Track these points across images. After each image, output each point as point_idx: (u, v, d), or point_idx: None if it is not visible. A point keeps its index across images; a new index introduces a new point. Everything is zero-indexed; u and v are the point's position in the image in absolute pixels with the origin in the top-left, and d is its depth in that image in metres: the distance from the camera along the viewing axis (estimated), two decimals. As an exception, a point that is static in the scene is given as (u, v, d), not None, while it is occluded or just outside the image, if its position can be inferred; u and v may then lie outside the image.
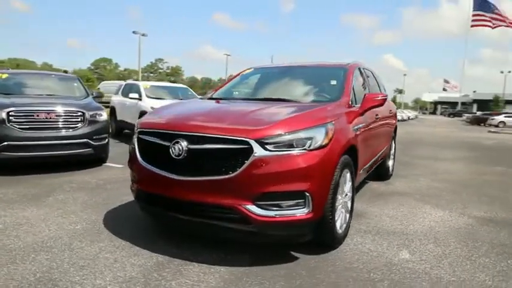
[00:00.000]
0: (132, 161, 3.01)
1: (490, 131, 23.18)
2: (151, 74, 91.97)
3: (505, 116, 32.90)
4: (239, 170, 2.40)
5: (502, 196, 4.92)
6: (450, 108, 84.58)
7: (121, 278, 2.36)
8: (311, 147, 2.50)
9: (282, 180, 2.41)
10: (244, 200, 2.42)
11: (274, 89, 3.83)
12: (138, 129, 2.93)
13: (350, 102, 3.38)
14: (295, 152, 2.45)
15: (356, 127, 3.24)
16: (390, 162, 5.71)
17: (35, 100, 5.61)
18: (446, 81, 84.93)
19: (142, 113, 8.45)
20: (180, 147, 2.53)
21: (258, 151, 2.39)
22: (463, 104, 69.64)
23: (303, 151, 2.47)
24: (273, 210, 2.44)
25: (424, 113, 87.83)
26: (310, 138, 2.52)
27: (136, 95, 8.94)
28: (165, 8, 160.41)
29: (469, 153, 10.11)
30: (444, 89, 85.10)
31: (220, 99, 3.81)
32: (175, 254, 2.74)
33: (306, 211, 2.47)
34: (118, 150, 7.43)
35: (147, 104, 8.45)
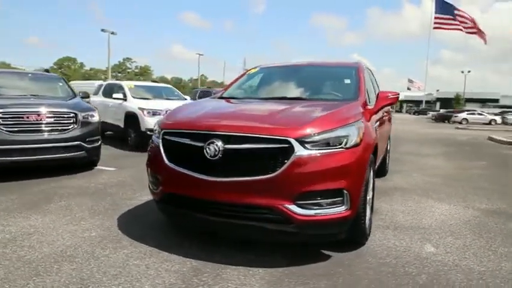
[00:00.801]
0: (155, 163, 2.90)
1: (457, 128, 24.38)
2: (119, 74, 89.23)
3: (467, 114, 34.77)
4: (280, 170, 2.37)
5: (495, 188, 5.19)
6: (415, 106, 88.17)
7: (160, 285, 2.26)
8: (347, 145, 2.51)
9: (321, 179, 2.41)
10: (284, 200, 2.39)
11: (288, 88, 3.81)
12: (163, 130, 2.82)
13: (365, 101, 3.44)
14: (333, 150, 2.46)
15: (375, 125, 3.29)
16: (387, 159, 5.87)
17: (21, 101, 5.27)
18: (410, 81, 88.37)
19: (129, 114, 8.21)
20: (216, 148, 2.46)
21: (299, 150, 2.37)
22: (427, 102, 72.79)
23: (341, 149, 2.48)
24: (313, 209, 2.42)
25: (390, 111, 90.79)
26: (346, 137, 2.53)
27: (120, 96, 8.63)
28: (131, 7, 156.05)
29: (447, 148, 10.59)
30: (408, 88, 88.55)
31: (232, 98, 3.75)
32: (206, 257, 2.66)
33: (345, 209, 2.48)
34: (104, 152, 7.13)
35: (134, 104, 8.18)
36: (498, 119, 34.96)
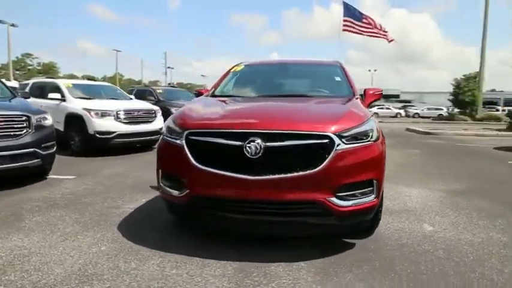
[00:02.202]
0: (177, 166, 2.74)
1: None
2: (17, 72, 78.65)
3: (378, 108, 38.83)
4: (322, 164, 2.45)
5: (442, 173, 5.97)
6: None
7: (217, 291, 2.18)
8: (373, 139, 2.70)
9: (357, 171, 2.56)
10: (326, 193, 2.48)
11: (287, 86, 3.89)
12: (188, 131, 2.67)
13: (360, 97, 3.69)
14: (364, 143, 2.62)
15: None
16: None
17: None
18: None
19: (71, 116, 7.43)
20: (257, 146, 2.43)
21: (339, 144, 2.48)
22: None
23: (369, 142, 2.66)
24: (350, 200, 2.56)
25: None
26: (371, 131, 2.71)
27: (57, 95, 7.74)
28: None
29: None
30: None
31: (232, 96, 3.70)
32: (242, 257, 2.62)
33: (374, 197, 2.67)
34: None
35: (76, 105, 7.43)
36: (402, 112, 39.86)
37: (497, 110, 37.90)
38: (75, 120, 7.36)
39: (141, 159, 6.99)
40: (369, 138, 2.67)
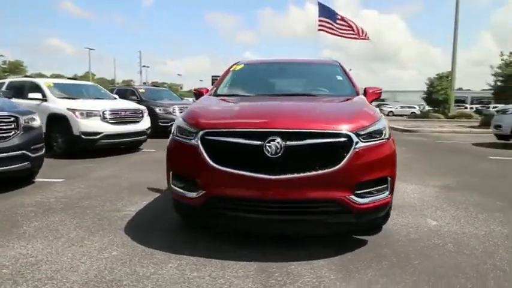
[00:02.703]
0: (191, 166, 2.68)
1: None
2: (-21, 71, 74.62)
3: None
4: (342, 162, 2.47)
5: (432, 170, 6.18)
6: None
7: (244, 293, 2.16)
8: (386, 137, 2.75)
9: (374, 168, 2.60)
10: (346, 191, 2.50)
11: (289, 84, 3.90)
12: (204, 131, 2.62)
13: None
14: (379, 141, 2.66)
15: None
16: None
17: None
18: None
19: (54, 116, 7.14)
20: (278, 145, 2.42)
21: (358, 143, 2.51)
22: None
23: (384, 140, 2.70)
24: (367, 197, 2.59)
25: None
26: (384, 129, 2.76)
27: (38, 95, 7.41)
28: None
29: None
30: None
31: (237, 95, 3.65)
32: (260, 258, 2.60)
33: (388, 194, 2.72)
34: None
35: (60, 105, 7.14)
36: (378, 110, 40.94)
37: (466, 108, 39.60)
38: (58, 121, 7.07)
39: (129, 161, 6.81)
40: (382, 136, 2.71)
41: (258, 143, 2.46)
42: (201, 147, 2.61)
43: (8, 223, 3.30)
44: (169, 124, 10.78)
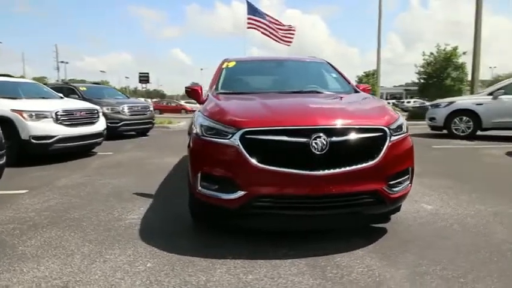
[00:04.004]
0: (230, 167, 2.60)
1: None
2: None
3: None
4: (379, 156, 2.60)
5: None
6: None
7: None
8: (406, 131, 2.96)
9: (401, 160, 2.79)
10: (382, 183, 2.65)
11: (292, 81, 3.93)
12: (245, 130, 2.54)
13: None
14: (404, 135, 2.86)
15: None
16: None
17: None
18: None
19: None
20: (324, 142, 2.47)
21: (391, 136, 2.68)
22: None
23: (406, 134, 2.91)
24: (397, 187, 2.77)
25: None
26: (403, 123, 2.96)
27: (-31, 95, 6.38)
28: None
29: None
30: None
31: (242, 93, 3.59)
32: (301, 254, 2.62)
33: (409, 184, 2.93)
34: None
35: (1, 105, 6.22)
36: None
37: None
38: (1, 125, 6.16)
39: (90, 166, 6.24)
40: (404, 130, 2.91)
41: (304, 140, 2.48)
42: (241, 146, 2.54)
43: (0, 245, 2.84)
44: (119, 125, 10.13)
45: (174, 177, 5.33)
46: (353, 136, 2.57)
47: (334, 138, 2.51)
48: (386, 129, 2.67)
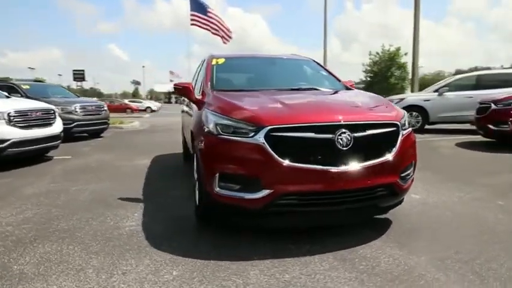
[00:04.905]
0: (253, 165, 2.53)
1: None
2: None
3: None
4: (394, 150, 2.72)
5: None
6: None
7: (354, 280, 2.21)
8: (409, 126, 3.12)
9: (410, 154, 2.94)
10: (396, 176, 2.77)
11: (284, 79, 3.94)
12: (270, 127, 2.49)
13: None
14: (408, 130, 3.01)
15: None
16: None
17: None
18: (171, 73, 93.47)
19: None
20: (348, 137, 2.52)
21: (402, 131, 2.81)
22: (193, 93, 79.49)
23: (410, 129, 3.06)
24: (406, 179, 2.92)
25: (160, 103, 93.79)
26: (406, 119, 3.13)
27: None
28: None
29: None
30: (171, 80, 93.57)
31: (241, 91, 3.52)
32: (325, 248, 2.64)
33: (412, 176, 3.10)
34: None
35: None
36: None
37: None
38: None
39: (52, 171, 5.70)
40: (407, 125, 3.07)
41: (330, 136, 2.51)
42: (266, 144, 2.49)
43: (-12, 265, 2.47)
44: (72, 126, 9.39)
45: (154, 179, 5.07)
46: (374, 131, 2.66)
47: (357, 134, 2.57)
48: (399, 123, 2.79)
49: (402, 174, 2.84)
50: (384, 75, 25.57)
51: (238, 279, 2.25)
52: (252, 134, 2.54)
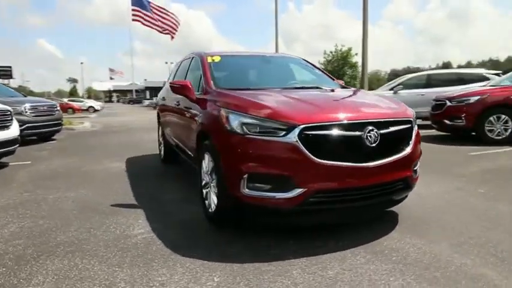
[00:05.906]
0: (286, 164, 2.52)
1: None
2: None
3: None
4: (411, 144, 2.88)
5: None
6: (123, 96, 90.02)
7: (398, 279, 2.29)
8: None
9: (419, 147, 3.12)
10: (410, 170, 2.93)
11: (283, 78, 3.95)
12: (303, 126, 2.49)
13: None
14: (417, 126, 3.18)
15: None
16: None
17: None
18: (111, 70, 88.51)
19: None
20: (376, 134, 2.60)
21: (415, 127, 2.98)
22: (137, 91, 76.32)
23: (416, 125, 3.24)
24: (417, 172, 3.10)
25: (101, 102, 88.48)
26: (411, 116, 3.31)
27: None
28: None
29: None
30: (111, 78, 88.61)
31: (246, 89, 3.46)
32: (352, 244, 2.72)
33: (418, 168, 3.29)
34: None
35: None
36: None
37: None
38: None
39: (15, 179, 5.15)
40: (414, 122, 3.25)
41: (359, 133, 2.57)
42: (300, 143, 2.49)
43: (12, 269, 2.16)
44: (22, 128, 8.49)
45: (140, 183, 4.79)
46: (395, 128, 2.78)
47: (383, 131, 2.67)
48: (412, 120, 2.96)
49: (414, 168, 3.01)
50: (338, 74, 26.78)
51: (285, 280, 2.22)
52: (284, 133, 2.52)
